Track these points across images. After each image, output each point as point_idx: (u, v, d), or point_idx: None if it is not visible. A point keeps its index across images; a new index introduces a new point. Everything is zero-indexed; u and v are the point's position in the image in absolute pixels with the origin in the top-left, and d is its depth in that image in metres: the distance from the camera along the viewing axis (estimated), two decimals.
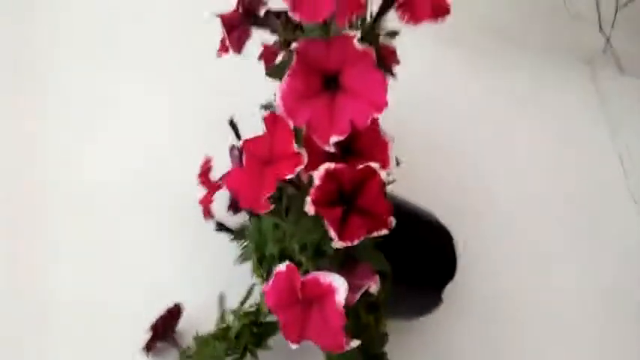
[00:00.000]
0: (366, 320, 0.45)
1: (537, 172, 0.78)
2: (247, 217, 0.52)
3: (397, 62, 0.46)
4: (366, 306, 0.47)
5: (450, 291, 0.58)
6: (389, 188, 0.49)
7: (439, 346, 0.63)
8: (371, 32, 0.40)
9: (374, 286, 0.41)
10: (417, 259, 0.57)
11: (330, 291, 0.35)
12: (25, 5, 0.71)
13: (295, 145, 0.36)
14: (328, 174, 0.34)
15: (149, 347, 0.52)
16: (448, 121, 0.78)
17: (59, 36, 0.71)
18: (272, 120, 0.38)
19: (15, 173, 0.61)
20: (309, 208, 0.33)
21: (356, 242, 0.34)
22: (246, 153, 0.39)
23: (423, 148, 0.72)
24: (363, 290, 0.40)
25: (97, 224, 0.60)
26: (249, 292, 0.53)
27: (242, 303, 0.52)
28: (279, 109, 0.36)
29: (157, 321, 0.52)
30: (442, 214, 0.60)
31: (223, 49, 0.41)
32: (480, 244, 0.69)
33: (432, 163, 0.73)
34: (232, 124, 0.54)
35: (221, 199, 0.53)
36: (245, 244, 0.53)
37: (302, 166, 0.36)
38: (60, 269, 0.57)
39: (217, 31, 0.42)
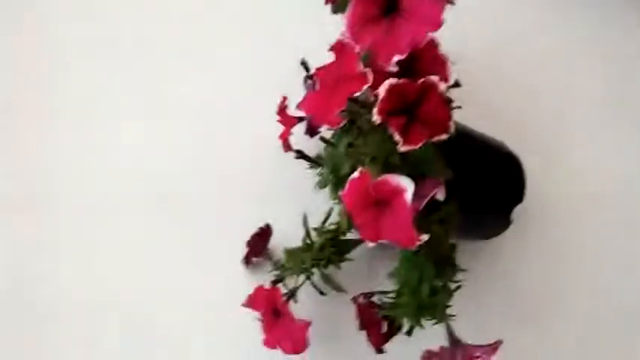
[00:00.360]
0: (436, 232, 0.49)
1: (614, 113, 0.75)
2: (323, 146, 0.58)
3: None
4: (437, 220, 0.51)
5: (518, 218, 0.61)
6: (458, 117, 0.53)
7: (506, 270, 0.66)
8: None
9: (440, 194, 0.45)
10: (486, 183, 0.60)
11: (398, 191, 0.40)
12: None
13: (361, 67, 0.41)
14: (392, 88, 0.39)
15: (247, 261, 0.60)
16: (526, 60, 0.77)
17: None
18: (339, 47, 0.43)
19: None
20: (376, 118, 0.38)
21: (419, 145, 0.39)
22: (319, 79, 0.44)
23: (498, 85, 0.73)
24: (429, 197, 0.45)
25: None
26: (329, 214, 0.59)
27: (323, 222, 0.58)
28: (346, 36, 0.41)
29: (251, 238, 0.60)
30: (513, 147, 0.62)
31: None
32: (550, 180, 0.70)
33: (505, 100, 0.73)
34: (304, 64, 0.59)
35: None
36: (321, 171, 0.59)
37: (368, 85, 0.41)
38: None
39: None
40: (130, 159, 0.69)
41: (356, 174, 0.41)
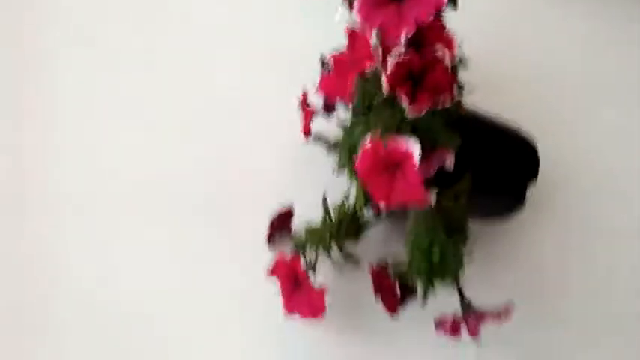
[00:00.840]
0: (446, 202, 0.53)
1: (629, 101, 0.77)
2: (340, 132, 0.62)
3: None
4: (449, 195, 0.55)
5: (534, 200, 0.64)
6: (471, 101, 0.57)
7: (519, 250, 0.68)
8: None
9: (449, 162, 0.50)
10: (500, 163, 0.63)
11: (407, 154, 0.44)
12: None
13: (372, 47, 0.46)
14: (399, 59, 0.43)
15: (269, 239, 0.65)
16: (536, 51, 0.80)
17: None
18: (351, 34, 0.48)
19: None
20: (385, 87, 0.43)
21: (425, 110, 0.43)
22: (333, 62, 0.49)
23: (512, 68, 0.76)
24: (439, 165, 0.49)
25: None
26: (347, 194, 0.63)
27: (342, 202, 0.62)
28: (357, 19, 0.46)
29: (274, 218, 0.64)
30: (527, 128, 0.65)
31: None
32: (565, 161, 0.72)
33: (520, 83, 0.76)
34: (323, 60, 0.64)
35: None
36: (339, 154, 0.63)
37: (378, 61, 0.45)
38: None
39: None
40: (139, 154, 0.72)
41: (368, 142, 0.46)
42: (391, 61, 0.43)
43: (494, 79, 0.74)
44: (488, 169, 0.61)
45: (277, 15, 0.78)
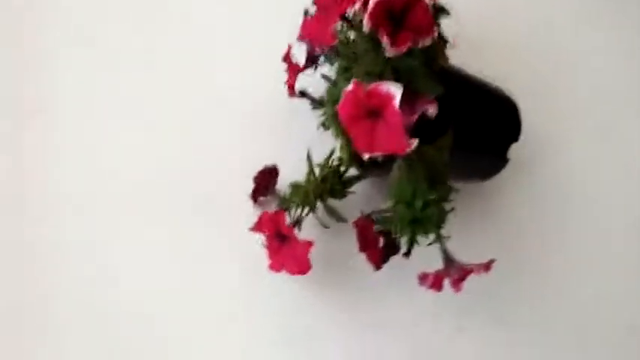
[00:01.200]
0: (429, 152, 0.53)
1: (610, 60, 0.77)
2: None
3: None
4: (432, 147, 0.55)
5: (514, 158, 0.64)
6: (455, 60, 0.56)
7: (502, 209, 0.69)
8: None
9: (431, 110, 0.49)
10: (482, 123, 0.64)
11: (389, 96, 0.44)
12: None
13: None
14: (378, 2, 0.42)
15: (254, 198, 0.64)
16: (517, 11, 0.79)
17: None
18: None
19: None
20: (366, 24, 0.42)
21: (404, 49, 0.42)
22: (316, 5, 0.48)
23: (495, 27, 0.76)
24: (420, 111, 0.48)
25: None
26: (332, 152, 0.62)
27: (327, 158, 0.62)
28: None
29: (257, 175, 0.64)
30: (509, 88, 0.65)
31: None
32: (549, 123, 0.73)
33: (502, 42, 0.76)
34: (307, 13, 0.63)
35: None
36: (325, 110, 0.62)
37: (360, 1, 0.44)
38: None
39: None
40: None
41: (350, 86, 0.45)
42: (372, 1, 0.42)
43: (482, 40, 0.74)
44: (471, 127, 0.60)
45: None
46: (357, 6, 0.45)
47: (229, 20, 0.77)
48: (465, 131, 0.59)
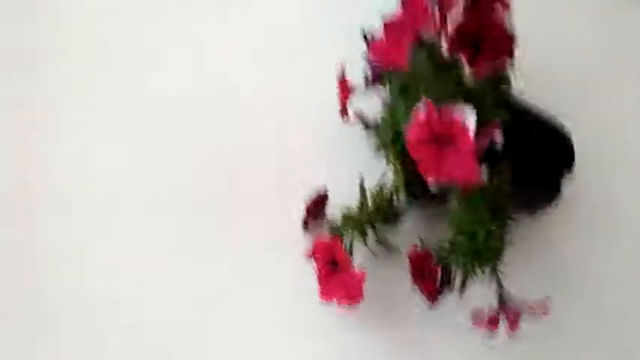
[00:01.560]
0: (489, 182, 0.51)
1: None
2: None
3: None
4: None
5: (568, 192, 0.62)
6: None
7: (554, 243, 0.66)
8: None
9: (498, 137, 0.47)
10: (536, 154, 0.61)
11: (462, 125, 0.42)
12: None
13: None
14: (460, 23, 0.41)
15: (305, 224, 0.62)
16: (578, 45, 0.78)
17: None
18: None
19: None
20: (446, 49, 0.41)
21: (486, 73, 0.41)
22: (386, 28, 0.47)
23: (553, 59, 0.75)
24: (489, 137, 0.46)
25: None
26: (384, 177, 0.61)
27: (379, 185, 0.60)
28: None
29: (309, 203, 0.62)
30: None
31: None
32: (601, 154, 0.70)
33: (560, 74, 0.75)
34: (365, 35, 0.62)
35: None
36: (379, 133, 0.61)
37: (434, 25, 0.43)
38: None
39: None
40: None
41: (421, 107, 0.44)
42: (451, 24, 0.41)
43: (535, 67, 0.72)
44: (524, 159, 0.58)
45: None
46: (433, 27, 0.43)
47: (279, 35, 0.76)
48: (518, 162, 0.57)
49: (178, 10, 0.78)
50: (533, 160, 0.62)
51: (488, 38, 0.42)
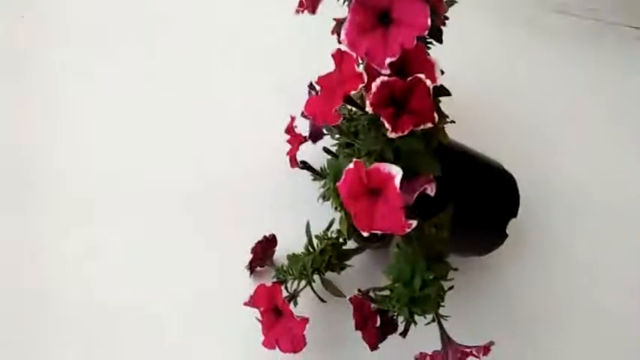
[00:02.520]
0: (428, 231, 0.52)
1: (610, 143, 0.80)
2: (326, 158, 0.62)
3: (445, 9, 0.55)
4: (431, 224, 0.54)
5: (513, 233, 0.63)
6: (453, 135, 0.57)
7: (500, 284, 0.68)
8: None
9: (430, 189, 0.49)
10: (481, 198, 0.64)
11: (389, 177, 0.44)
12: None
13: (358, 69, 0.46)
14: (383, 83, 0.43)
15: (251, 267, 0.63)
16: (522, 93, 0.83)
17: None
18: (339, 54, 0.48)
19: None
20: (368, 108, 0.43)
21: (406, 133, 0.43)
22: (320, 84, 0.49)
23: (495, 107, 0.79)
24: (420, 191, 0.48)
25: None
26: (331, 223, 0.62)
27: (326, 230, 0.62)
28: (344, 43, 0.46)
29: (255, 246, 0.63)
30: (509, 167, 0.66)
31: (300, 7, 0.52)
32: (544, 196, 0.73)
33: (501, 128, 0.78)
34: (311, 86, 0.64)
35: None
36: (325, 182, 0.63)
37: (364, 84, 0.45)
38: None
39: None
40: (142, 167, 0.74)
41: (351, 164, 0.45)
42: (375, 84, 0.43)
43: (481, 116, 0.75)
44: (470, 202, 0.60)
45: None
46: (360, 87, 0.45)
47: (232, 88, 0.79)
48: (464, 206, 0.59)
49: None
50: (479, 204, 0.63)
51: (410, 99, 0.44)
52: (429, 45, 0.54)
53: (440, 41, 0.54)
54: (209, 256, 0.67)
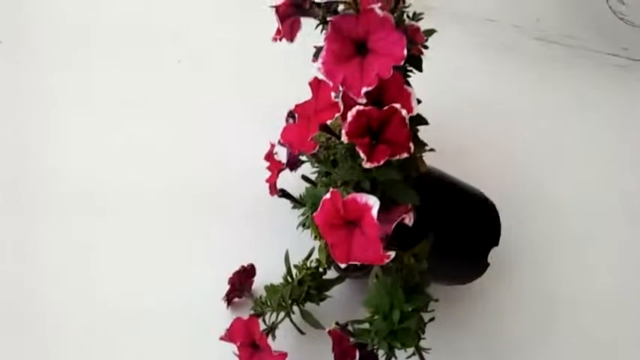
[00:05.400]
0: (407, 261, 0.52)
1: (589, 169, 0.80)
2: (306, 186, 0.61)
3: (422, 39, 0.55)
4: (410, 254, 0.54)
5: (494, 262, 0.63)
6: (433, 162, 0.57)
7: (482, 313, 0.67)
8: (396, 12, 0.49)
9: (408, 219, 0.48)
10: (463, 227, 0.63)
11: (366, 208, 0.43)
12: None
13: (334, 98, 0.45)
14: (359, 112, 0.43)
15: (228, 299, 0.61)
16: (501, 119, 0.83)
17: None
18: (316, 83, 0.48)
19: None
20: (344, 138, 0.42)
21: (382, 162, 0.42)
22: (297, 112, 0.49)
23: (475, 140, 0.79)
24: (398, 221, 0.47)
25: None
26: (311, 252, 0.61)
27: (305, 260, 0.60)
28: (321, 72, 0.46)
29: (233, 276, 0.62)
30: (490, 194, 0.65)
31: (278, 35, 0.52)
32: (530, 228, 0.73)
33: (481, 155, 0.78)
34: (291, 115, 0.64)
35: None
36: (304, 211, 0.62)
37: (339, 113, 0.45)
38: None
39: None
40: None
41: (327, 195, 0.44)
42: (351, 113, 0.42)
43: (461, 143, 0.75)
44: (451, 231, 0.60)
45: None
46: (337, 116, 0.45)
47: (214, 113, 0.79)
48: (445, 235, 0.58)
49: None
50: (460, 233, 0.63)
51: (385, 129, 0.43)
52: (409, 73, 0.54)
53: (420, 69, 0.53)
54: (185, 285, 0.65)
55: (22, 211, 0.70)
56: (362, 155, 0.42)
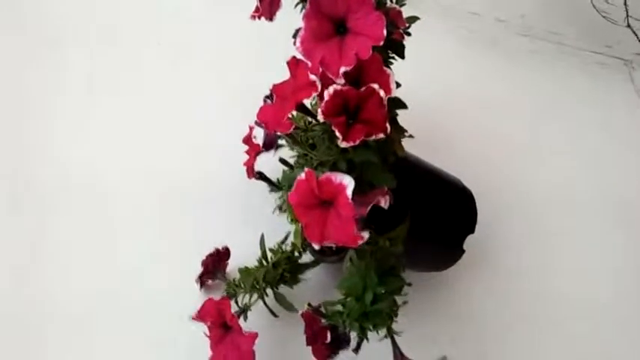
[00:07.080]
0: (382, 243, 0.52)
1: (569, 163, 0.81)
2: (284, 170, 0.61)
3: (405, 24, 0.54)
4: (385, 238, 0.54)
5: (471, 251, 0.63)
6: (413, 150, 0.57)
7: (458, 299, 0.68)
8: None
9: (383, 201, 0.48)
10: (440, 214, 0.63)
11: (341, 187, 0.43)
12: None
13: (312, 77, 0.45)
14: (335, 92, 0.42)
15: (201, 281, 0.61)
16: (482, 111, 0.83)
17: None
18: (294, 62, 0.47)
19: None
20: (320, 117, 0.42)
21: (357, 142, 0.42)
22: (275, 92, 0.48)
23: (455, 131, 0.79)
24: (373, 203, 0.47)
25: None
26: (287, 236, 0.61)
27: (281, 243, 0.60)
28: (299, 51, 0.45)
29: (206, 258, 0.61)
30: (468, 184, 0.66)
31: (256, 12, 0.51)
32: (506, 217, 0.74)
33: (461, 146, 0.78)
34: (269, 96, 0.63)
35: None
36: (281, 195, 0.61)
37: (317, 92, 0.44)
38: None
39: None
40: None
41: (302, 174, 0.44)
42: (327, 92, 0.42)
43: (442, 131, 0.75)
44: (427, 217, 0.60)
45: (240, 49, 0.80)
46: (314, 96, 0.44)
47: (192, 96, 0.78)
48: (421, 221, 0.58)
49: None
50: (437, 220, 0.63)
51: (362, 109, 0.43)
52: (392, 60, 0.53)
53: (402, 56, 0.53)
54: (159, 267, 0.64)
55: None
56: (338, 134, 0.42)
